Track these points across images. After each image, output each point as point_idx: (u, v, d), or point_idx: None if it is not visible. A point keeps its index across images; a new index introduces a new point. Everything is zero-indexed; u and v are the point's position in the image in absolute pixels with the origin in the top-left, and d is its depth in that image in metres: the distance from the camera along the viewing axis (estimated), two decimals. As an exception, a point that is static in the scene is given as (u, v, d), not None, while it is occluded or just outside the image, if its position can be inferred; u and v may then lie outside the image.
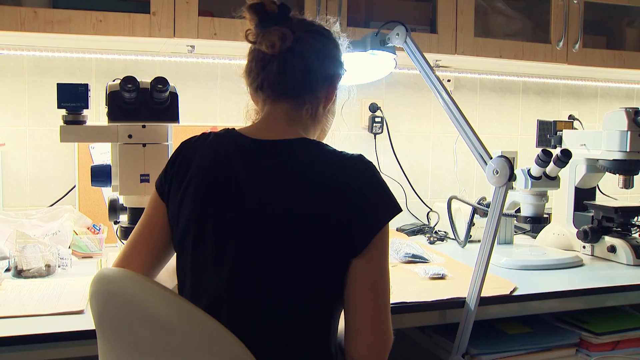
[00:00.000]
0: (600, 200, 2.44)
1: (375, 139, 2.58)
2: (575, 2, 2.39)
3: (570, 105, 2.97)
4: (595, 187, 2.34)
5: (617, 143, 2.03)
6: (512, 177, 1.47)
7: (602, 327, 1.74)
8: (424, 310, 1.57)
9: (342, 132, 2.49)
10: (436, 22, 2.24)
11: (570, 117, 2.79)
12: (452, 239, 2.35)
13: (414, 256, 1.95)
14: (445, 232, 2.42)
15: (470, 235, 2.26)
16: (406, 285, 1.59)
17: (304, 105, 1.24)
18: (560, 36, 2.39)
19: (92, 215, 2.11)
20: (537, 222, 2.04)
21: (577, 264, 2.02)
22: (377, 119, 2.55)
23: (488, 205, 2.00)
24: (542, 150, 1.95)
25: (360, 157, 1.17)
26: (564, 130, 2.32)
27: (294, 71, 1.20)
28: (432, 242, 2.32)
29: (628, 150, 2.01)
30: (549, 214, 2.34)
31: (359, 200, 1.12)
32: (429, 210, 2.62)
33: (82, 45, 2.13)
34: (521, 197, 2.04)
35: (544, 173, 1.99)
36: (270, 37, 1.18)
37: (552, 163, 1.96)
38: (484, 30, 2.41)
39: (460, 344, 1.52)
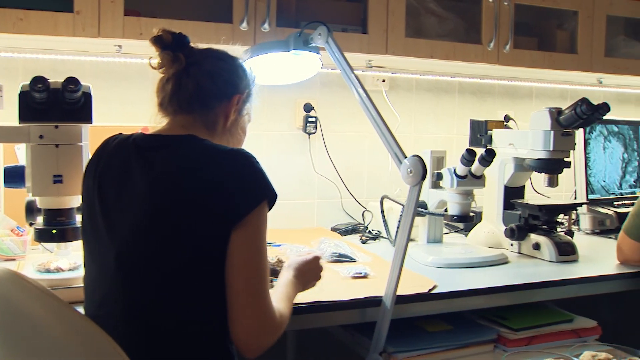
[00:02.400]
0: (532, 198, 2.49)
1: (309, 139, 2.58)
2: (505, 3, 2.43)
3: (505, 105, 3.01)
4: (523, 185, 2.38)
5: (541, 142, 2.07)
6: (425, 176, 1.49)
7: (520, 323, 1.77)
8: (340, 309, 1.57)
9: (276, 133, 2.51)
10: (367, 23, 2.25)
11: (506, 117, 2.82)
12: (386, 238, 2.37)
13: (340, 255, 1.96)
14: (379, 231, 2.43)
15: (402, 234, 2.27)
16: (326, 284, 1.59)
17: (198, 119, 1.37)
18: (491, 37, 2.42)
19: (18, 218, 2.06)
20: (463, 220, 2.07)
21: (503, 261, 2.05)
22: (310, 119, 2.55)
23: (419, 206, 2.03)
24: (466, 149, 1.98)
25: (241, 149, 1.29)
26: (494, 129, 2.36)
27: (187, 89, 1.35)
28: (364, 242, 2.33)
29: (552, 149, 2.06)
30: (479, 212, 2.37)
31: (236, 179, 1.23)
32: (364, 209, 2.64)
33: (6, 44, 2.09)
34: (448, 196, 2.07)
35: (470, 172, 2.02)
36: (162, 60, 1.36)
37: (477, 162, 1.99)
38: (417, 31, 2.43)
39: (377, 342, 1.54)
